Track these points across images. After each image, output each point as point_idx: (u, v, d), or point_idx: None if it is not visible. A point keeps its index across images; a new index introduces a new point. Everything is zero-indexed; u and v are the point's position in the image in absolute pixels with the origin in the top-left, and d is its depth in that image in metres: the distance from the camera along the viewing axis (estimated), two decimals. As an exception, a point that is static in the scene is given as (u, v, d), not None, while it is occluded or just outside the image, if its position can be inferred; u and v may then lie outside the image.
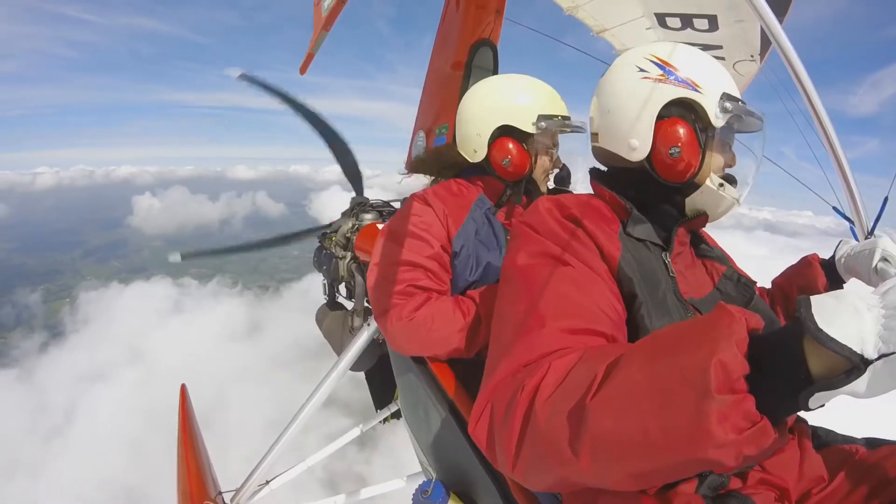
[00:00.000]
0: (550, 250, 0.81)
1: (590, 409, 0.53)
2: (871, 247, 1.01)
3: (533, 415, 0.60)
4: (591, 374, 0.56)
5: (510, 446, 0.63)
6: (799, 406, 0.45)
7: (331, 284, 2.08)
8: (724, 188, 0.89)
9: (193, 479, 1.89)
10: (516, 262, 0.83)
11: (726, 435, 0.44)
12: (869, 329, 0.41)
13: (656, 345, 0.54)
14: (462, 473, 1.11)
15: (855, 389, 0.42)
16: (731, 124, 0.89)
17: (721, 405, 0.44)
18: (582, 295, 0.75)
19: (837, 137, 1.12)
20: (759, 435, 0.45)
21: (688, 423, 0.46)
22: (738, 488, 0.80)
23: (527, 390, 0.62)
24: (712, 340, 0.47)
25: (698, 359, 0.47)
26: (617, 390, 0.53)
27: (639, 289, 0.80)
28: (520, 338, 0.72)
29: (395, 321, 1.13)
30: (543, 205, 0.88)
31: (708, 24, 1.88)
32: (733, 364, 0.45)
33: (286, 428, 1.78)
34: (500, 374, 0.70)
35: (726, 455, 0.45)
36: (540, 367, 0.64)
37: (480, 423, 0.70)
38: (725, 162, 0.92)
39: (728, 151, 0.93)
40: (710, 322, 0.50)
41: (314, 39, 1.61)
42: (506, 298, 0.82)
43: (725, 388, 0.45)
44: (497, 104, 1.29)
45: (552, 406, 0.59)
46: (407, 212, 1.27)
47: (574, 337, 0.70)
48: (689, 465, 0.49)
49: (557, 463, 0.58)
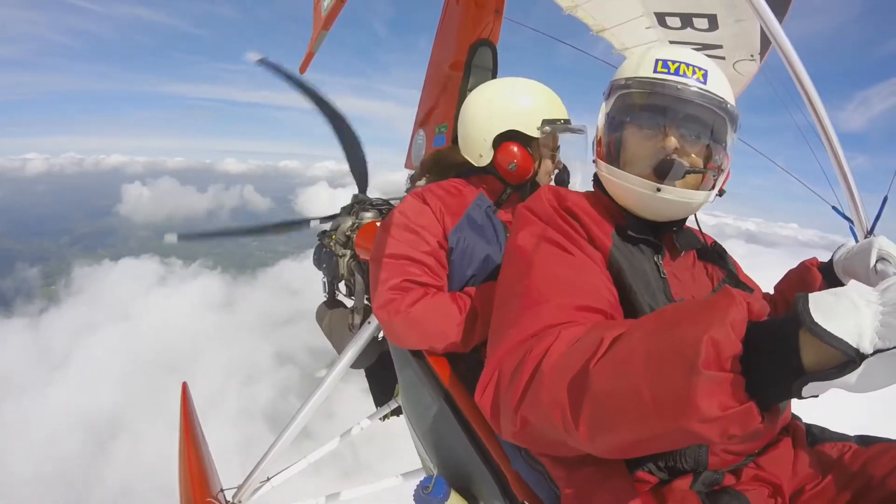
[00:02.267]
0: (550, 235, 0.83)
1: (592, 372, 0.55)
2: (869, 247, 1.01)
3: (539, 374, 0.62)
4: (596, 342, 0.58)
5: (514, 403, 0.64)
6: (791, 393, 0.45)
7: (331, 282, 2.09)
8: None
9: (195, 477, 1.90)
10: (518, 242, 0.86)
11: (710, 410, 0.45)
12: (866, 324, 0.41)
13: (659, 319, 0.56)
14: (462, 469, 1.12)
15: (848, 382, 0.42)
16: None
17: (708, 381, 0.45)
18: (581, 277, 0.78)
19: (837, 137, 1.12)
20: (745, 415, 0.45)
21: (675, 394, 0.47)
22: (732, 485, 0.81)
23: (535, 353, 0.64)
24: (708, 318, 0.48)
25: (692, 333, 0.48)
26: (617, 356, 0.55)
27: (631, 279, 0.82)
28: (526, 310, 0.74)
29: (393, 315, 1.15)
30: (545, 194, 0.92)
31: (707, 24, 1.87)
32: (725, 342, 0.46)
33: (287, 425, 1.78)
34: (507, 344, 0.72)
35: (710, 430, 0.46)
36: (549, 335, 0.66)
37: (487, 391, 0.71)
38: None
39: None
40: (711, 302, 0.51)
41: (314, 39, 1.62)
42: (509, 275, 0.84)
43: (715, 364, 0.46)
44: (502, 109, 1.31)
45: (559, 368, 0.60)
46: (404, 208, 1.29)
47: (578, 312, 0.72)
48: (677, 436, 0.51)
49: (559, 422, 0.59)
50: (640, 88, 0.86)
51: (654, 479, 0.80)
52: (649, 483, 0.80)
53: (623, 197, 0.91)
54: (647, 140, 0.86)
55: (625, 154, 0.89)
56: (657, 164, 0.85)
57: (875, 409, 2.51)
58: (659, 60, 0.85)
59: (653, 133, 0.86)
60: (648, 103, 0.86)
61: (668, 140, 0.84)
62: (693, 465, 0.79)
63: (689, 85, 0.84)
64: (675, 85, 0.83)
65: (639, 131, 0.87)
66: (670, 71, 0.84)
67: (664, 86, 0.84)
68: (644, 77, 0.86)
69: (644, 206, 0.89)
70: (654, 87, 0.85)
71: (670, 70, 0.84)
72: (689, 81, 0.84)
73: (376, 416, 2.21)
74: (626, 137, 0.89)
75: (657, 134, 0.86)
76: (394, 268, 1.20)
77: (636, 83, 0.86)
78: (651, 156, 0.86)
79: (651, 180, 0.85)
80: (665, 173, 0.84)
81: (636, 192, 0.87)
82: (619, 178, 0.89)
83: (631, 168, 0.88)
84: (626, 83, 0.88)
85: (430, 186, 1.36)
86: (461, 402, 1.09)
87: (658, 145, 0.85)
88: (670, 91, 0.84)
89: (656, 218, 0.91)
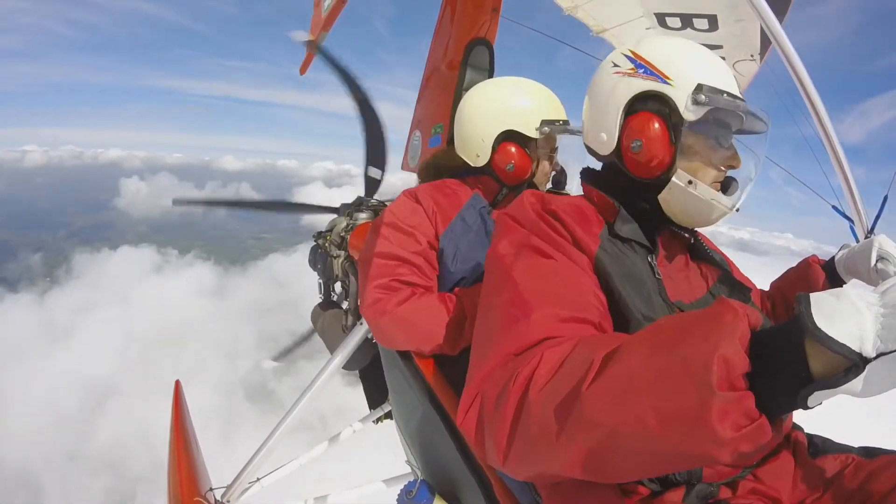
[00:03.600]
0: (532, 242, 0.79)
1: (586, 397, 0.52)
2: (869, 246, 1.00)
3: (526, 405, 0.58)
4: (587, 363, 0.54)
5: (501, 438, 0.61)
6: (798, 404, 0.44)
7: (325, 283, 2.08)
8: (693, 186, 0.83)
9: (184, 475, 1.88)
10: (499, 251, 0.82)
11: (725, 432, 0.43)
12: (868, 327, 0.41)
13: (658, 335, 0.53)
14: (447, 473, 1.09)
15: (853, 388, 0.41)
16: (715, 118, 0.83)
17: (722, 402, 0.43)
18: (566, 285, 0.74)
19: (837, 137, 1.10)
20: (757, 432, 0.44)
21: (688, 417, 0.45)
22: (728, 498, 0.78)
23: (520, 380, 0.60)
24: (715, 335, 0.46)
25: (701, 352, 0.46)
26: (615, 379, 0.51)
27: (619, 285, 0.79)
28: (507, 326, 0.70)
29: (379, 315, 1.13)
30: (527, 198, 0.87)
31: (708, 24, 1.86)
32: (735, 360, 0.44)
33: (277, 425, 1.76)
34: (489, 365, 0.68)
35: (723, 452, 0.44)
36: (533, 356, 0.62)
37: (469, 414, 0.68)
38: (719, 162, 0.86)
39: (719, 149, 0.86)
40: (712, 316, 0.49)
41: (314, 39, 1.61)
42: (490, 288, 0.80)
43: (727, 384, 0.44)
44: (500, 109, 1.29)
45: (546, 395, 0.57)
46: (396, 208, 1.27)
47: (563, 325, 0.68)
48: (682, 460, 0.49)
49: (550, 453, 0.56)
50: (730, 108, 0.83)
51: (645, 491, 0.76)
52: (640, 495, 0.76)
53: (685, 211, 0.87)
54: (716, 154, 0.86)
55: (690, 167, 0.85)
56: (724, 181, 0.87)
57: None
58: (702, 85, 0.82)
59: (719, 148, 0.86)
60: (733, 125, 0.87)
61: (735, 158, 0.86)
62: (686, 477, 0.76)
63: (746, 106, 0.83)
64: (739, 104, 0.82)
65: (709, 145, 0.86)
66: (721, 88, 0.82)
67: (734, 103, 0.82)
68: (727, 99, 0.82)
69: (704, 219, 0.88)
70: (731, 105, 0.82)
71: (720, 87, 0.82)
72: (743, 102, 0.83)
73: (369, 419, 2.19)
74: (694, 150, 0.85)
75: (723, 149, 0.86)
76: (382, 267, 1.18)
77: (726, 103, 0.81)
78: (718, 172, 0.86)
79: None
80: (730, 189, 0.88)
81: (713, 208, 0.85)
82: (704, 194, 0.84)
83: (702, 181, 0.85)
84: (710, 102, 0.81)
85: (423, 186, 1.35)
86: (447, 406, 1.06)
87: (725, 162, 0.86)
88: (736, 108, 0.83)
89: (700, 226, 0.91)
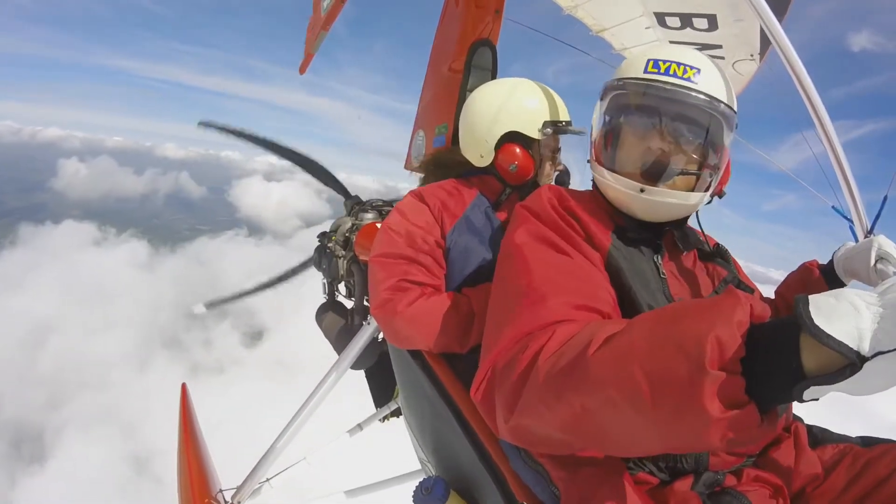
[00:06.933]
0: (548, 236, 0.82)
1: (590, 361, 0.54)
2: (869, 246, 1.00)
3: (535, 369, 0.61)
4: (593, 335, 0.57)
5: (508, 399, 0.64)
6: (792, 397, 0.45)
7: (330, 283, 2.09)
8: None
9: (195, 477, 1.90)
10: (515, 240, 0.85)
11: (714, 410, 0.44)
12: (866, 326, 0.41)
13: (662, 313, 0.55)
14: (462, 470, 1.11)
15: (849, 386, 0.42)
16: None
17: (713, 380, 0.44)
18: (578, 277, 0.77)
19: (837, 137, 1.11)
20: (744, 418, 0.45)
21: (678, 390, 0.47)
22: (734, 486, 0.81)
23: (530, 350, 0.64)
24: (713, 316, 0.48)
25: (696, 330, 0.47)
26: (617, 347, 0.54)
27: (630, 279, 0.82)
28: (522, 308, 0.73)
29: (390, 315, 1.15)
30: (546, 193, 0.91)
31: (707, 24, 1.87)
32: (730, 343, 0.45)
33: (287, 426, 1.78)
34: (503, 342, 0.71)
35: (712, 433, 0.46)
36: (544, 333, 0.65)
37: (481, 387, 0.71)
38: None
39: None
40: (715, 301, 0.51)
41: (313, 40, 1.61)
42: (505, 273, 0.83)
43: (718, 364, 0.45)
44: (504, 110, 1.30)
45: (554, 360, 0.59)
46: (403, 208, 1.29)
47: (576, 311, 0.71)
48: (675, 437, 0.50)
49: (552, 413, 0.58)
50: (629, 89, 0.86)
51: (654, 481, 0.80)
52: (650, 484, 0.79)
53: (614, 198, 0.91)
54: (638, 141, 0.86)
55: (617, 155, 0.89)
56: (645, 166, 0.85)
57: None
58: (650, 60, 0.85)
59: (643, 134, 0.86)
60: (638, 104, 0.86)
61: (654, 141, 0.84)
62: (694, 466, 0.79)
63: (678, 84, 0.83)
64: (663, 85, 0.83)
65: (629, 132, 0.87)
66: (660, 71, 0.84)
67: (651, 86, 0.84)
68: (634, 77, 0.86)
69: (634, 207, 0.89)
70: (642, 88, 0.85)
71: (660, 70, 0.84)
72: (678, 81, 0.83)
73: (376, 418, 2.21)
74: (617, 138, 0.89)
75: (647, 135, 0.85)
76: (391, 267, 1.19)
77: (626, 84, 0.86)
78: (640, 157, 0.86)
79: (639, 181, 0.85)
80: (652, 174, 0.85)
81: (623, 193, 0.88)
82: (606, 178, 0.89)
83: (622, 169, 0.88)
84: (618, 84, 0.88)
85: (429, 186, 1.36)
86: (460, 403, 1.08)
87: (646, 146, 0.85)
88: (657, 91, 0.83)
89: (650, 218, 0.91)
